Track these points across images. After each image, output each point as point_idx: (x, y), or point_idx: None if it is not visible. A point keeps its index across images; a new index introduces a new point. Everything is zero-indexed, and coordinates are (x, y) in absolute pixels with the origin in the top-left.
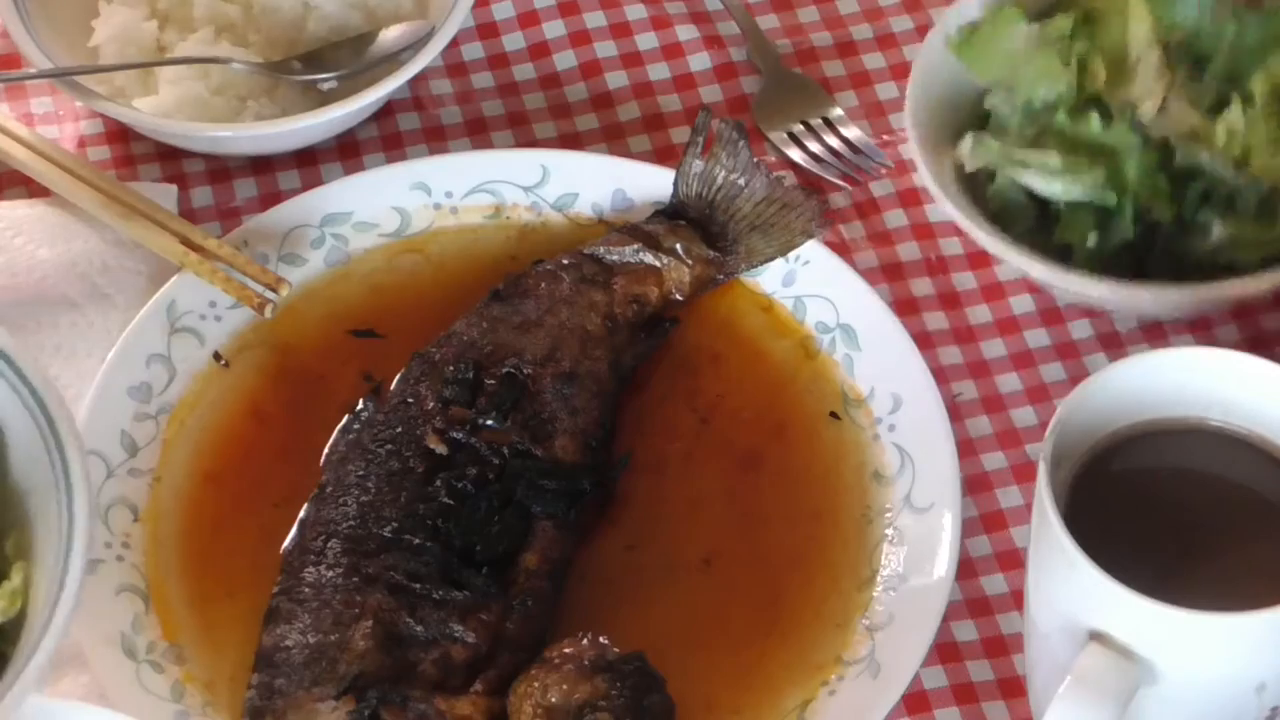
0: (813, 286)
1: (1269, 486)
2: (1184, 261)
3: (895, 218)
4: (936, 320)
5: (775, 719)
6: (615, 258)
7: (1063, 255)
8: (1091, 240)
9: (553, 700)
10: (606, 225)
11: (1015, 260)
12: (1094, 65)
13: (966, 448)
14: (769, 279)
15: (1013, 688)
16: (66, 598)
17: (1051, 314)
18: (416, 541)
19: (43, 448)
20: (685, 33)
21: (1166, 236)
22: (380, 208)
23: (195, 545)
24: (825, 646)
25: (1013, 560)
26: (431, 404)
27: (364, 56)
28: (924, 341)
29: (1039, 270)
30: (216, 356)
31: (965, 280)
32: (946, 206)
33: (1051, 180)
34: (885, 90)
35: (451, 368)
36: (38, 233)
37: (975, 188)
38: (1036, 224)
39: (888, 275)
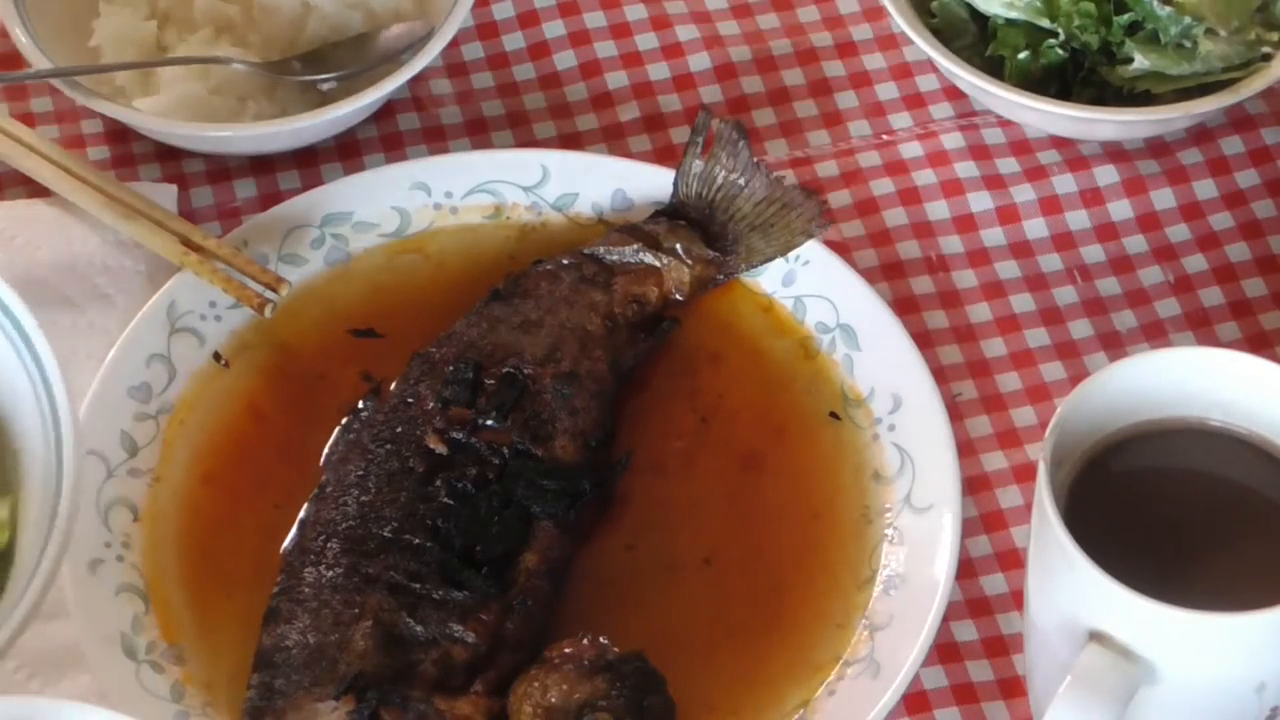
0: (813, 286)
1: (1269, 486)
2: (1105, 90)
3: (895, 216)
4: (936, 319)
5: (775, 719)
6: (615, 258)
7: (995, 71)
8: (1022, 56)
9: (553, 700)
10: (606, 225)
11: (949, 68)
12: None
13: (966, 448)
14: (769, 279)
15: (1013, 688)
16: (60, 525)
17: (1051, 314)
18: (416, 541)
19: (25, 375)
20: (685, 33)
21: (1092, 64)
22: (380, 208)
23: (195, 545)
24: (825, 646)
25: (1013, 560)
26: (431, 404)
27: (364, 56)
28: (924, 341)
29: (969, 79)
30: (216, 356)
31: (966, 279)
32: (895, 18)
33: None
34: (885, 90)
35: (451, 368)
36: (38, 233)
37: (922, 2)
38: (975, 41)
39: (887, 274)
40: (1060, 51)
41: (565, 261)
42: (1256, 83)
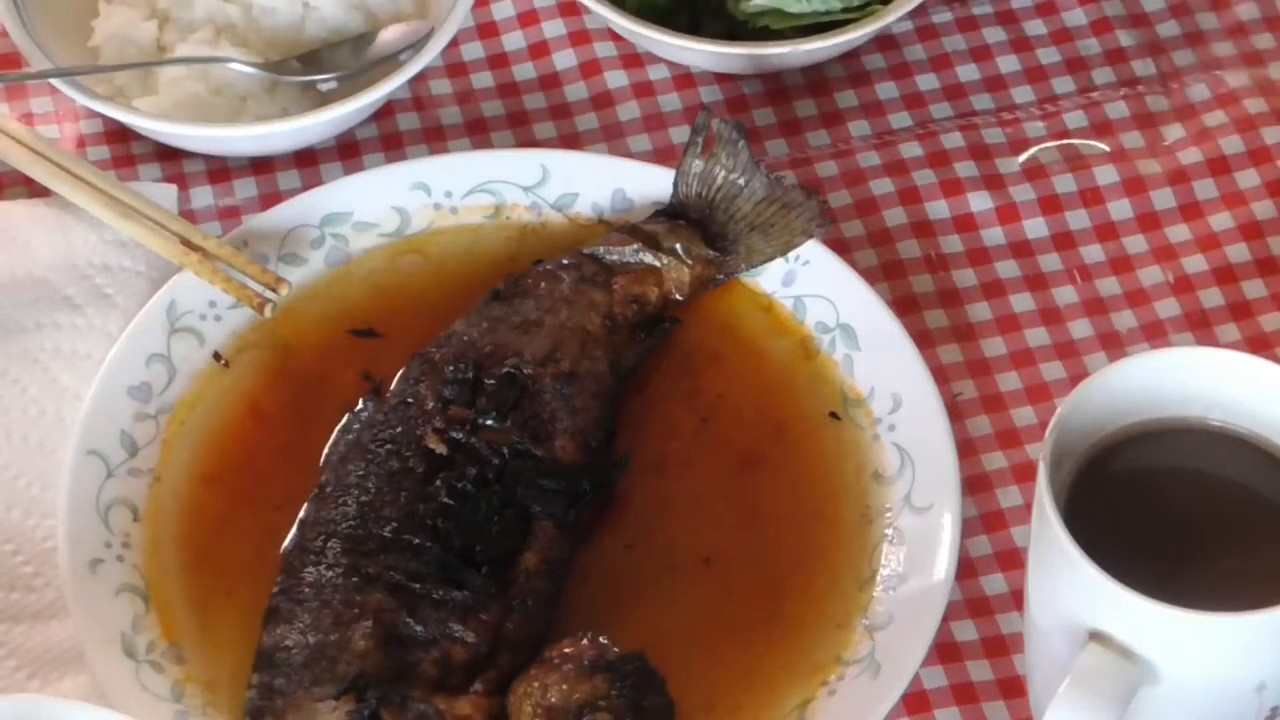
0: (813, 286)
1: (1269, 486)
2: (733, 28)
3: (895, 216)
4: (936, 319)
5: (775, 719)
6: (615, 258)
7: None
8: None
9: (552, 700)
10: (606, 225)
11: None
12: None
13: (966, 448)
14: (769, 279)
15: (1013, 688)
16: None
17: (1051, 314)
18: (416, 541)
19: None
20: None
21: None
22: (380, 208)
23: (195, 545)
24: (825, 646)
25: (1013, 560)
26: (431, 404)
27: (363, 57)
28: (924, 340)
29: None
30: (216, 356)
31: (966, 278)
32: None
33: None
34: (885, 90)
35: (451, 368)
36: (38, 233)
37: None
38: None
39: (887, 274)
40: None
41: (565, 261)
42: (869, 24)
